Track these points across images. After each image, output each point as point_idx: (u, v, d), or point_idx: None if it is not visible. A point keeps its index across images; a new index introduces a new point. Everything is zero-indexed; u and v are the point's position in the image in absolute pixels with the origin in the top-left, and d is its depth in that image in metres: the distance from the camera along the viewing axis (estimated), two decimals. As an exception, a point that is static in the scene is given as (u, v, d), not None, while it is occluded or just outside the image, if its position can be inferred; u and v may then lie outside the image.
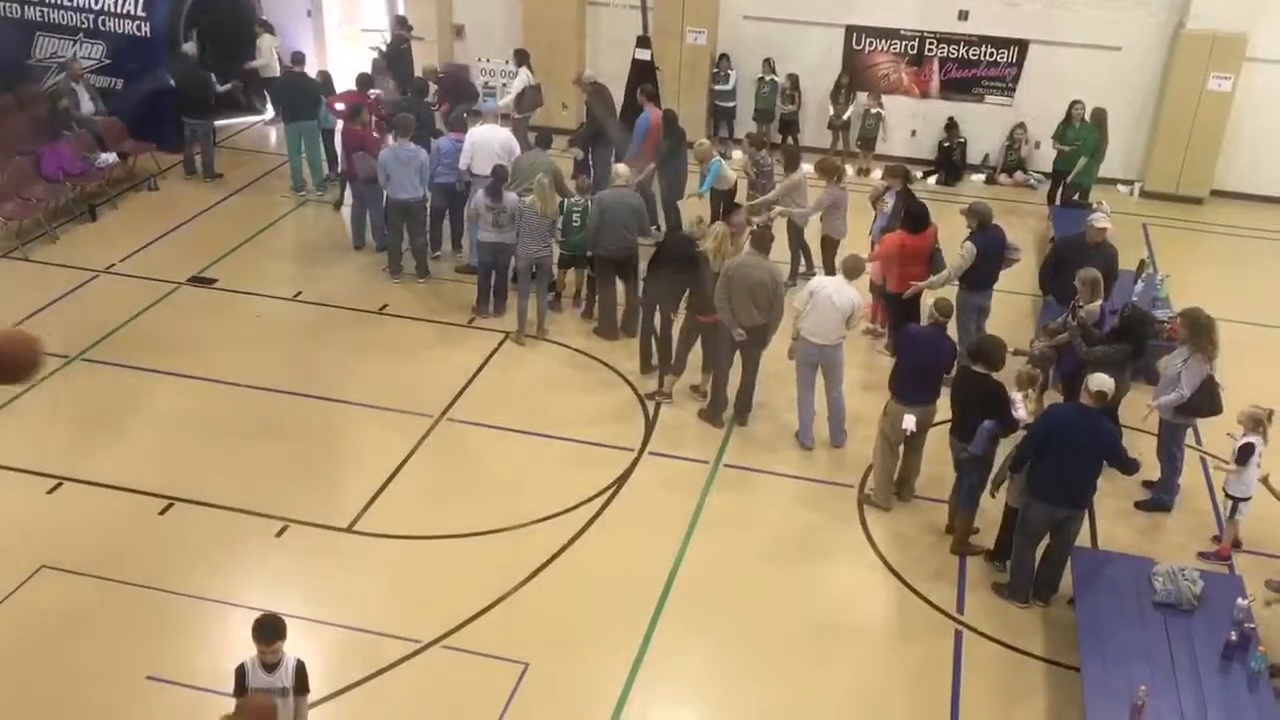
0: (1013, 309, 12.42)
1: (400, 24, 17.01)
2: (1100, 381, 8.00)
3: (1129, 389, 9.78)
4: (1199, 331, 9.01)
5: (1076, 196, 14.76)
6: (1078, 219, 14.30)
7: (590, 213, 11.60)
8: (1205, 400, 9.13)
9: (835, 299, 9.79)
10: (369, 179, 12.92)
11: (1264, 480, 8.58)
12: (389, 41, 16.87)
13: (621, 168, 12.22)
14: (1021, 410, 8.75)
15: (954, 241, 11.41)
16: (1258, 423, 8.68)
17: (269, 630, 6.12)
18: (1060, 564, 8.44)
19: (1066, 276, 10.35)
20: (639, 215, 11.78)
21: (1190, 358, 9.02)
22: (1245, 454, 8.64)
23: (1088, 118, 14.73)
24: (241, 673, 6.23)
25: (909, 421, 9.14)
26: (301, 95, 14.74)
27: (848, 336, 10.16)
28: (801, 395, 10.27)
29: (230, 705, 6.35)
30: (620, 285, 11.89)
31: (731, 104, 17.24)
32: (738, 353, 10.31)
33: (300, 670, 6.28)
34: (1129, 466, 8.25)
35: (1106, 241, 10.81)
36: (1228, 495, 8.90)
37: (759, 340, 10.23)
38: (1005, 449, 8.66)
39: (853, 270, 10.05)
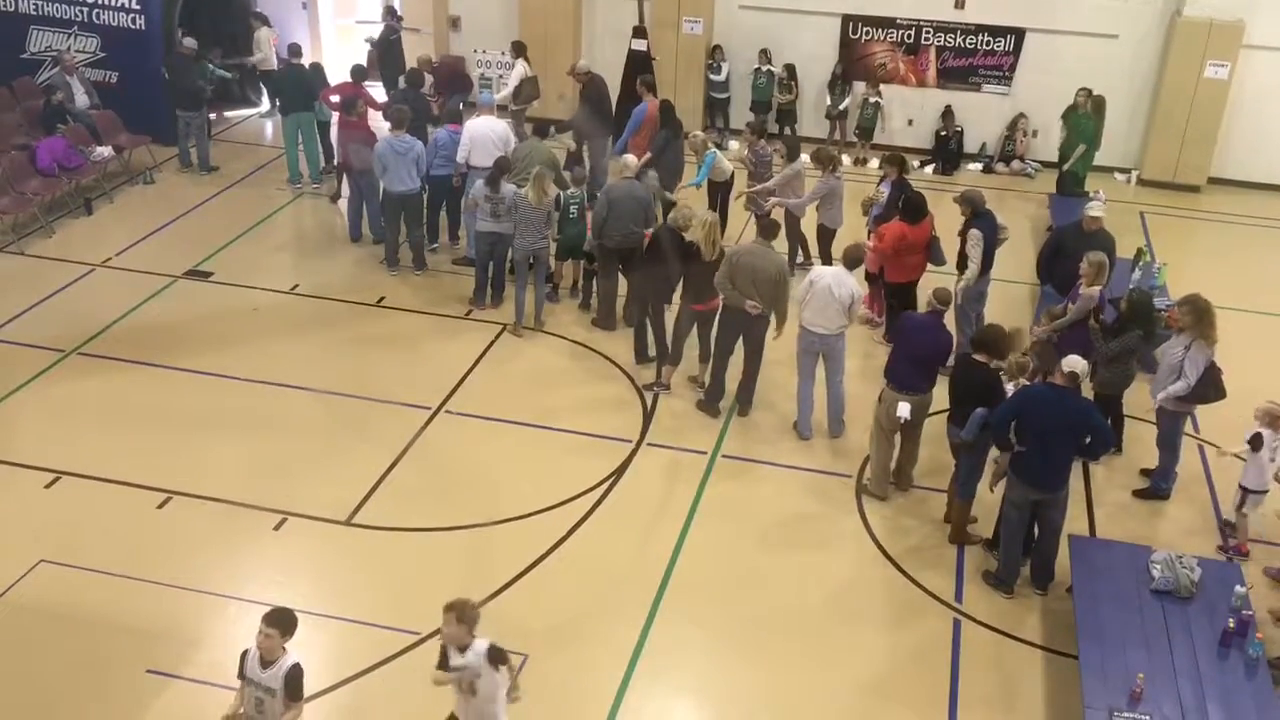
0: (1011, 297, 12.43)
1: (390, 15, 16.95)
2: (1073, 363, 8.01)
3: (1134, 376, 9.78)
4: (1202, 317, 8.97)
5: (1079, 185, 14.77)
6: (1075, 207, 14.27)
7: (598, 203, 11.58)
8: (1209, 387, 9.11)
9: (834, 289, 9.77)
10: (364, 170, 12.90)
11: None
12: (378, 34, 16.83)
13: (630, 158, 12.20)
14: None
15: (951, 230, 11.41)
16: (1275, 419, 8.67)
17: (273, 616, 6.01)
18: (1051, 553, 8.47)
19: (1064, 265, 10.37)
20: (645, 206, 11.75)
21: (1193, 344, 9.00)
22: (1256, 443, 8.66)
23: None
24: (242, 659, 6.18)
25: (903, 409, 9.14)
26: (299, 87, 14.72)
27: (849, 326, 10.15)
28: (801, 385, 10.26)
29: (229, 696, 6.34)
30: (622, 276, 11.86)
31: (724, 95, 17.22)
32: (740, 341, 10.31)
33: (293, 675, 6.04)
34: (1106, 440, 8.28)
35: (1103, 229, 10.81)
36: (1241, 486, 8.91)
37: (762, 328, 10.22)
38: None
39: (853, 260, 10.04)
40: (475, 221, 11.92)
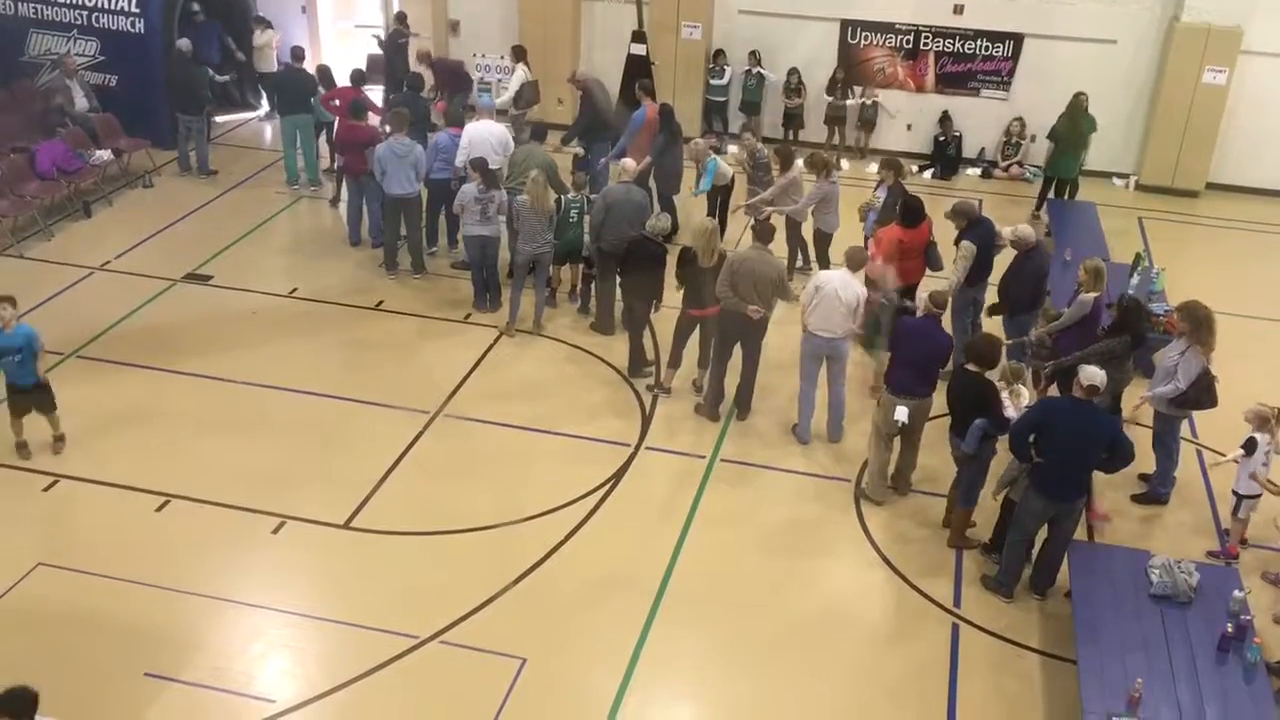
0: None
1: (400, 20, 17.02)
2: (1091, 375, 7.97)
3: (1130, 381, 9.80)
4: (1199, 324, 9.00)
5: (1063, 189, 14.82)
6: (1069, 212, 14.39)
7: (595, 206, 11.59)
8: (1202, 393, 9.14)
9: (841, 293, 9.78)
10: (367, 173, 12.88)
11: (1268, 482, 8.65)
12: (387, 36, 16.88)
13: (629, 162, 12.21)
14: (1011, 409, 8.71)
15: (950, 236, 11.41)
16: (1264, 420, 8.69)
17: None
18: (1057, 561, 8.45)
19: (1005, 279, 10.80)
20: (643, 211, 11.75)
21: (1188, 350, 9.03)
22: (1250, 447, 8.67)
23: (1089, 107, 14.73)
24: None
25: (901, 413, 9.14)
26: (296, 89, 14.75)
27: (855, 329, 10.16)
28: (803, 389, 10.26)
29: (228, 700, 6.32)
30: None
31: (723, 99, 17.27)
32: (737, 346, 10.32)
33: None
34: (1126, 455, 8.13)
35: (1037, 250, 10.78)
36: (1234, 492, 8.93)
37: (759, 333, 10.23)
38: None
39: (856, 262, 10.06)
40: (465, 225, 11.91)
